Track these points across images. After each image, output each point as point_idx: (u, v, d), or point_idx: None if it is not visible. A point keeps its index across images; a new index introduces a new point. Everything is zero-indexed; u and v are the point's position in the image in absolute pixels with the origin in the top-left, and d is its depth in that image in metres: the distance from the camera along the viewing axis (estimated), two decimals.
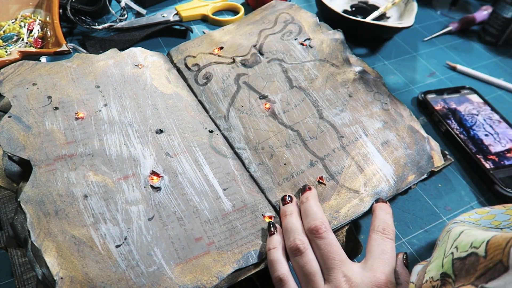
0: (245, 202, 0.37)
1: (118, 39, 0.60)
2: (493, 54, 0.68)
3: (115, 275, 0.31)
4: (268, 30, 0.53)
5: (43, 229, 0.32)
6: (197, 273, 0.32)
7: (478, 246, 0.22)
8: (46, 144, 0.37)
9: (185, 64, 0.50)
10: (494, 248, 0.21)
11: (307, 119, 0.44)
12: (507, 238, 0.21)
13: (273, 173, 0.40)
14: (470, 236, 0.24)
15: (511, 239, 0.20)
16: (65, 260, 0.30)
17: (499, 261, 0.20)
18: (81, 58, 0.46)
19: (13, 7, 0.60)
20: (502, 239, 0.21)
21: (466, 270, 0.23)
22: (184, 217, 0.35)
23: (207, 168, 0.39)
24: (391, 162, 0.41)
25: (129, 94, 0.43)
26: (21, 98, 0.40)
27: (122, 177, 0.36)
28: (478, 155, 0.48)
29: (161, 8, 0.69)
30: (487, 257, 0.21)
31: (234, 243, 0.35)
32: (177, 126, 0.42)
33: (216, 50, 0.51)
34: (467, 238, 0.24)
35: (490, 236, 0.22)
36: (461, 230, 0.26)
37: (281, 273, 0.32)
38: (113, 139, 0.39)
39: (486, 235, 0.22)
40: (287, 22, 0.54)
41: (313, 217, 0.35)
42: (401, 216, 0.44)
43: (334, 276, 0.31)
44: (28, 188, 0.33)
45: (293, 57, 0.50)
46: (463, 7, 0.79)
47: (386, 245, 0.33)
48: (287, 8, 0.56)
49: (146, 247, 0.33)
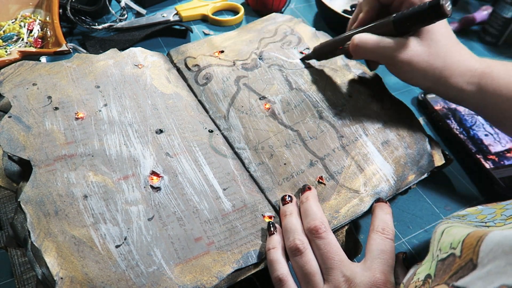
0: (245, 202, 0.37)
1: (118, 39, 0.60)
2: (493, 54, 0.68)
3: (115, 275, 0.31)
4: (268, 39, 0.53)
5: (43, 229, 0.32)
6: (197, 273, 0.32)
7: (456, 247, 0.23)
8: (46, 144, 0.37)
9: (185, 64, 0.50)
10: (468, 247, 0.22)
11: (307, 119, 0.44)
12: (478, 236, 0.21)
13: (273, 173, 0.40)
14: (450, 236, 0.24)
15: (481, 237, 0.21)
16: (65, 260, 0.30)
17: (470, 260, 0.21)
18: (81, 58, 0.46)
19: (13, 7, 0.60)
20: (474, 238, 0.21)
21: (443, 270, 0.23)
22: (184, 217, 0.35)
23: (207, 168, 0.39)
24: (391, 161, 0.41)
25: (129, 94, 0.44)
26: (21, 98, 0.40)
27: (122, 177, 0.36)
28: (478, 155, 0.48)
29: (161, 8, 0.69)
30: (461, 257, 0.22)
31: (234, 243, 0.35)
32: (177, 126, 0.42)
33: (217, 53, 0.51)
34: (448, 238, 0.24)
35: (466, 234, 0.22)
36: (442, 229, 0.26)
37: (281, 273, 0.32)
38: (113, 139, 0.39)
39: (463, 233, 0.23)
40: (287, 33, 0.54)
41: (312, 217, 0.35)
42: (401, 216, 0.44)
43: (334, 276, 0.31)
44: (28, 188, 0.33)
45: (293, 64, 0.50)
46: (463, 7, 0.79)
47: (385, 245, 0.33)
48: (287, 21, 0.57)
49: (146, 247, 0.33)
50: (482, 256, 0.20)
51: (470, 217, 0.28)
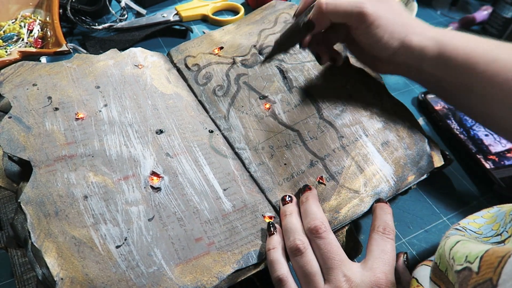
0: (245, 202, 0.37)
1: (118, 39, 0.60)
2: None
3: (115, 275, 0.31)
4: (268, 30, 0.53)
5: (44, 230, 0.32)
6: (197, 273, 0.32)
7: (472, 261, 0.22)
8: (46, 145, 0.37)
9: (185, 64, 0.50)
10: (487, 265, 0.21)
11: (307, 119, 0.44)
12: (499, 256, 0.21)
13: (273, 173, 0.40)
14: (466, 248, 0.24)
15: (503, 258, 0.20)
16: (66, 261, 0.30)
17: (489, 279, 0.20)
18: (81, 58, 0.46)
19: (13, 7, 0.60)
20: (495, 257, 0.21)
21: (459, 283, 0.23)
22: (184, 218, 0.35)
23: (207, 168, 0.39)
24: (391, 162, 0.41)
25: (129, 94, 0.44)
26: (21, 99, 0.40)
27: (122, 177, 0.36)
28: (478, 155, 0.48)
29: (161, 8, 0.69)
30: (479, 274, 0.21)
31: (234, 244, 0.35)
32: (177, 126, 0.42)
33: (216, 50, 0.51)
34: (463, 249, 0.24)
35: (484, 250, 0.22)
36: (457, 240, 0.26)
37: (281, 273, 0.32)
38: (113, 139, 0.39)
39: (480, 248, 0.23)
40: (288, 22, 0.54)
41: (313, 217, 0.35)
42: (401, 216, 0.44)
43: (334, 276, 0.31)
44: (29, 189, 0.33)
45: (293, 57, 0.50)
46: (463, 7, 0.79)
47: (386, 245, 0.33)
48: (288, 8, 0.56)
49: (146, 247, 0.33)
50: (504, 279, 0.20)
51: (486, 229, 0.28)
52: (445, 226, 0.43)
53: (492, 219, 0.29)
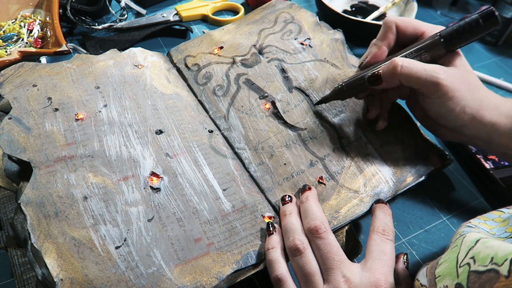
0: (244, 202, 0.37)
1: (118, 39, 0.60)
2: (493, 54, 0.68)
3: (114, 276, 0.31)
4: (268, 30, 0.53)
5: (43, 230, 0.32)
6: (196, 274, 0.32)
7: (501, 264, 0.21)
8: (46, 146, 0.37)
9: (185, 64, 0.50)
10: None
11: (307, 119, 0.44)
12: None
13: (273, 173, 0.40)
14: (489, 248, 0.23)
15: None
16: (65, 262, 0.30)
17: None
18: (81, 58, 0.46)
19: (13, 7, 0.60)
20: None
21: (480, 284, 0.22)
22: (183, 218, 0.35)
23: (207, 168, 0.39)
24: (389, 163, 0.41)
25: (129, 94, 0.44)
26: (21, 100, 0.40)
27: (121, 178, 0.36)
28: (478, 155, 0.48)
29: (161, 8, 0.69)
30: (509, 277, 0.21)
31: (233, 244, 0.35)
32: (177, 127, 0.42)
33: (216, 50, 0.51)
34: (486, 250, 0.23)
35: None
36: (477, 238, 0.25)
37: (280, 273, 0.32)
38: (113, 140, 0.39)
39: (508, 250, 0.22)
40: (287, 22, 0.54)
41: (312, 217, 0.35)
42: (401, 216, 0.44)
43: (333, 276, 0.31)
44: (28, 190, 0.34)
45: (293, 57, 0.50)
46: (463, 7, 0.79)
47: (385, 246, 0.33)
48: (287, 7, 0.56)
49: (145, 248, 0.33)
50: None
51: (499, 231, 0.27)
52: (445, 226, 0.43)
53: (505, 223, 0.28)
